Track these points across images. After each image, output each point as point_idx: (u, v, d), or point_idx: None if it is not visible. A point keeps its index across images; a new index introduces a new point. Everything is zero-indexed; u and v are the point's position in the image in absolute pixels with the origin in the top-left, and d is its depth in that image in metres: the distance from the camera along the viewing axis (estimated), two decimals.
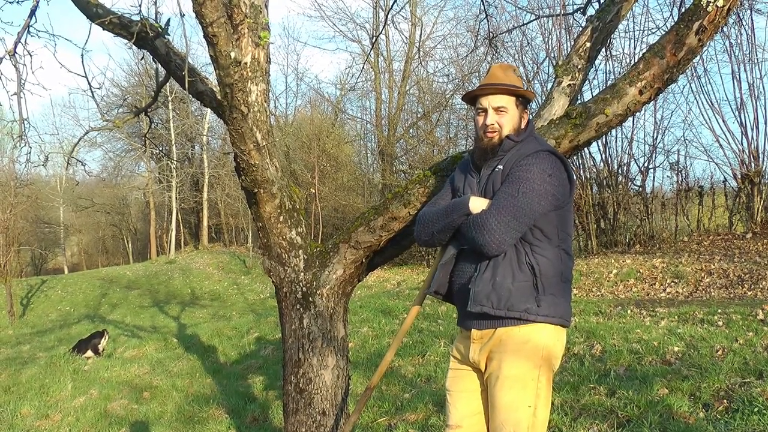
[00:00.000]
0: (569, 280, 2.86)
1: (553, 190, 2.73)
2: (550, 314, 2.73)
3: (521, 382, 2.73)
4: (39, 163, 5.12)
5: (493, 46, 6.71)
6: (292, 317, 3.99)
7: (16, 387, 9.32)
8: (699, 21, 3.19)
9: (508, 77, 2.91)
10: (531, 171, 2.72)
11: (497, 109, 2.89)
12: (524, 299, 2.71)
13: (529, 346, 2.74)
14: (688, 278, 10.86)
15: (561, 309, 2.77)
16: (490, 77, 2.94)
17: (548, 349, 2.76)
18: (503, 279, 2.73)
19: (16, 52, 4.47)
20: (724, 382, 4.94)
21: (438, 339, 8.05)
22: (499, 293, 2.72)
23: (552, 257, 2.76)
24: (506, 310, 2.72)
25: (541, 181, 2.70)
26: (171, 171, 34.60)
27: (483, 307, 2.74)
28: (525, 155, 2.78)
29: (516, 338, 2.75)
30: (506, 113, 2.89)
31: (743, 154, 13.94)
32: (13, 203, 21.80)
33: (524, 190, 2.69)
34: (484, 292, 2.74)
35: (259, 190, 3.76)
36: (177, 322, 15.53)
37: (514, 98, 2.90)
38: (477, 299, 2.75)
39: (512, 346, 2.75)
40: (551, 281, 2.74)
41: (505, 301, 2.71)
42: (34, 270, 40.58)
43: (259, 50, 3.79)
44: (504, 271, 2.74)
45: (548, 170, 2.73)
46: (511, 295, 2.71)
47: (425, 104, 23.90)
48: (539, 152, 2.78)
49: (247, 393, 7.42)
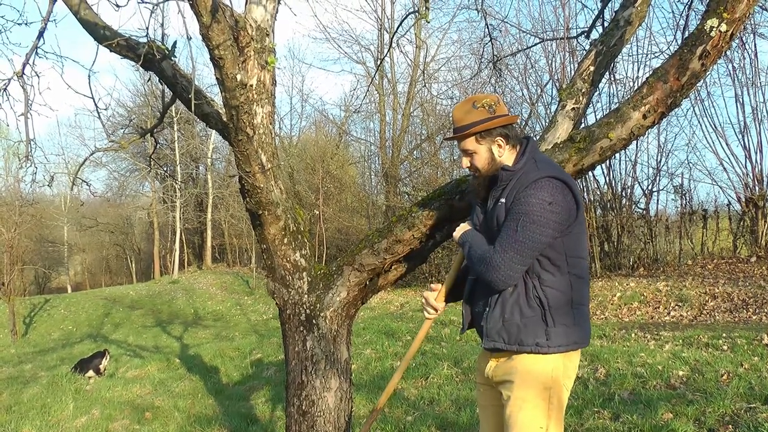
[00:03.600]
0: (583, 303, 2.86)
1: (555, 218, 2.70)
2: (562, 344, 2.74)
3: (532, 402, 2.75)
4: (44, 183, 5.15)
5: (497, 68, 6.75)
6: (295, 339, 3.98)
7: (18, 406, 9.28)
8: (702, 46, 3.20)
9: (458, 119, 2.90)
10: (529, 203, 2.69)
11: (465, 152, 2.93)
12: (533, 334, 2.73)
13: (538, 367, 2.76)
14: (693, 302, 10.82)
15: (574, 336, 2.78)
16: (453, 122, 2.95)
17: (558, 371, 2.77)
18: (511, 315, 2.77)
19: (24, 74, 4.50)
20: (729, 407, 4.91)
21: (441, 361, 8.02)
22: (509, 330, 2.78)
23: (562, 287, 2.76)
24: (517, 345, 2.76)
25: (541, 211, 2.68)
26: (175, 191, 34.69)
27: (495, 343, 2.82)
28: (524, 186, 2.74)
29: (527, 363, 2.77)
30: (475, 153, 2.90)
31: (747, 178, 13.96)
32: (17, 222, 21.85)
33: (524, 224, 2.68)
34: (495, 328, 2.81)
35: (264, 212, 3.76)
36: (179, 343, 15.49)
37: (472, 138, 2.88)
38: (490, 336, 2.83)
39: (523, 370, 2.78)
40: (561, 311, 2.75)
41: (515, 336, 2.76)
42: (37, 289, 40.49)
43: (265, 72, 3.81)
44: (512, 307, 2.77)
45: (548, 198, 2.69)
46: (520, 331, 2.75)
47: (429, 126, 23.96)
48: (538, 181, 2.72)
49: (250, 414, 7.37)
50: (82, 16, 4.14)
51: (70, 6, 4.16)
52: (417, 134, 25.61)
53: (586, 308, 2.88)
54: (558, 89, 14.53)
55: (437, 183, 18.75)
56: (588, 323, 2.89)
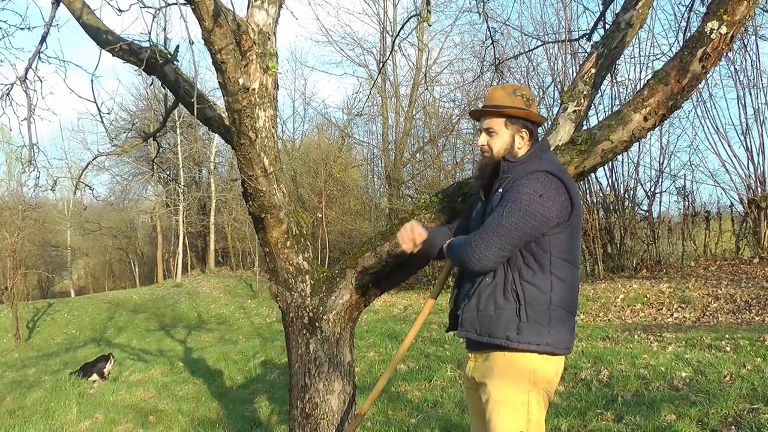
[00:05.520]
0: (565, 308, 2.76)
1: (543, 211, 2.67)
2: (533, 342, 2.69)
3: (510, 406, 2.73)
4: (47, 188, 5.17)
5: (499, 71, 6.74)
6: (298, 342, 3.99)
7: (21, 410, 9.30)
8: (703, 48, 3.21)
9: (496, 98, 2.92)
10: (520, 191, 2.70)
11: (486, 131, 2.94)
12: (504, 327, 2.70)
13: (514, 371, 2.73)
14: (696, 303, 10.80)
15: (549, 337, 2.71)
16: (486, 99, 2.98)
17: (536, 374, 2.73)
18: (486, 306, 2.75)
19: (27, 78, 4.53)
20: (732, 408, 4.91)
21: (445, 364, 8.02)
22: (482, 320, 2.76)
23: (541, 285, 2.72)
24: (487, 336, 2.74)
25: (529, 201, 2.67)
26: (178, 195, 34.70)
27: (468, 333, 2.81)
28: (520, 177, 2.76)
29: (501, 363, 2.76)
30: (495, 134, 2.92)
31: (749, 179, 13.93)
32: (20, 227, 21.85)
33: (510, 210, 2.68)
34: (470, 319, 2.80)
35: (267, 216, 3.78)
36: (183, 346, 15.50)
37: (503, 119, 2.90)
38: (464, 325, 2.83)
39: (498, 371, 2.76)
40: (538, 309, 2.70)
41: (486, 327, 2.74)
42: (40, 293, 40.52)
43: (267, 76, 3.83)
44: (488, 298, 2.75)
45: (539, 190, 2.68)
46: (492, 322, 2.73)
47: (432, 129, 23.94)
48: (533, 173, 2.73)
49: (253, 417, 7.38)
50: (84, 20, 4.16)
51: (73, 11, 4.18)
52: (419, 137, 25.59)
53: (568, 314, 2.79)
54: (560, 91, 14.54)
55: (440, 186, 18.74)
56: (568, 331, 2.78)
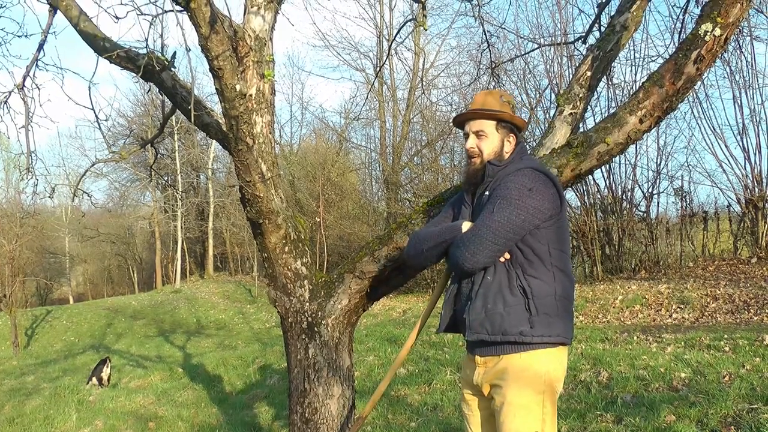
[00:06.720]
0: (567, 299, 2.81)
1: (534, 203, 2.70)
2: (545, 334, 2.71)
3: (526, 408, 2.73)
4: (45, 195, 5.17)
5: (496, 74, 6.76)
6: (297, 347, 4.00)
7: (21, 418, 9.28)
8: (697, 50, 3.23)
9: (488, 103, 2.95)
10: (508, 188, 2.73)
11: (476, 134, 2.95)
12: (517, 322, 2.71)
13: (530, 372, 2.74)
14: (694, 304, 10.82)
15: (557, 328, 2.74)
16: (472, 103, 3.00)
17: (549, 374, 2.75)
18: (494, 305, 2.74)
19: (24, 86, 4.54)
20: (731, 408, 4.92)
21: (444, 367, 8.02)
22: (492, 320, 2.75)
23: (545, 277, 2.75)
24: (501, 335, 2.73)
25: (519, 195, 2.69)
26: (176, 200, 34.69)
27: (479, 334, 2.78)
28: (506, 176, 2.80)
29: (517, 366, 2.75)
30: (486, 137, 2.93)
31: (746, 179, 13.96)
32: (18, 234, 21.84)
33: (501, 206, 2.70)
34: (478, 320, 2.78)
35: (264, 221, 3.79)
36: (182, 352, 15.49)
37: (494, 122, 2.93)
38: (473, 328, 2.80)
39: (514, 374, 2.75)
40: (545, 302, 2.73)
41: (498, 326, 2.73)
42: (39, 300, 40.43)
43: (264, 82, 3.84)
44: (495, 297, 2.75)
45: (528, 185, 2.72)
46: (503, 320, 2.72)
47: (429, 132, 23.96)
48: (520, 170, 2.78)
49: (253, 423, 7.38)
50: (81, 28, 4.18)
51: (70, 18, 4.19)
52: (417, 140, 25.61)
53: (570, 305, 2.84)
54: (556, 94, 14.55)
55: (437, 189, 18.74)
56: (571, 321, 2.84)
